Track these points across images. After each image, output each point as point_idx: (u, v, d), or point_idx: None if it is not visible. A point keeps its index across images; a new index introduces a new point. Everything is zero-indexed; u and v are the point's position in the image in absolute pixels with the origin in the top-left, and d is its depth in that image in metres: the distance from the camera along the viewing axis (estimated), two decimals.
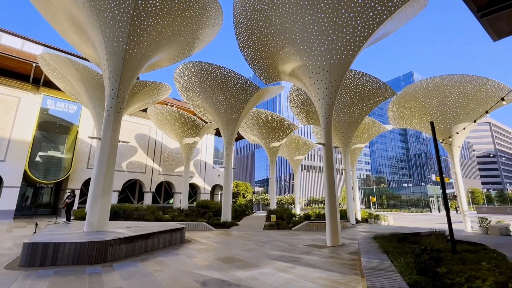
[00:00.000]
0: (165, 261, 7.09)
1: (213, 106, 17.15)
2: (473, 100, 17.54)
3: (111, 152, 9.55)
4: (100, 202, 9.12)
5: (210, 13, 11.27)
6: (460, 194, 18.71)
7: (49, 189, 25.99)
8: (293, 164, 33.24)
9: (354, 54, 10.03)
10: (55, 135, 22.15)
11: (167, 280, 5.35)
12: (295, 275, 5.67)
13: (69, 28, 11.44)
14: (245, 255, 7.82)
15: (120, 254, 7.25)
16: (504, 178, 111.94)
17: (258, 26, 11.59)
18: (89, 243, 6.73)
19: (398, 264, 4.72)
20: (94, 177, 9.22)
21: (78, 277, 5.50)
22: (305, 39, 10.43)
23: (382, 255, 5.60)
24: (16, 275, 5.62)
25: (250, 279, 5.36)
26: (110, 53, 9.47)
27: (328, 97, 10.41)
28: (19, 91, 21.00)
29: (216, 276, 5.55)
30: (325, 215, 9.87)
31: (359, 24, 9.54)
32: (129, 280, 5.34)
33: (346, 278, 5.44)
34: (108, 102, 9.70)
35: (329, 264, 6.68)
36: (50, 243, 6.56)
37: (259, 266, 6.49)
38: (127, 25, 9.23)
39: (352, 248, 9.10)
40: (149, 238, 8.44)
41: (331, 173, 10.17)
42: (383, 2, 8.93)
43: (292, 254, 7.99)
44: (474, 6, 3.35)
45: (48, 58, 15.18)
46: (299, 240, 10.76)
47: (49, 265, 6.38)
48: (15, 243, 9.65)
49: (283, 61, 12.12)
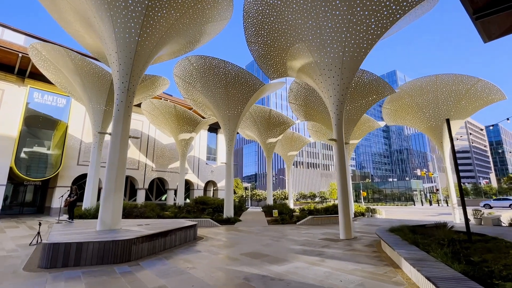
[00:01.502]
0: (189, 258, 7.00)
1: (214, 102, 16.90)
2: (463, 99, 18.43)
3: (122, 148, 9.22)
4: (112, 200, 8.81)
5: (221, 6, 11.03)
6: (450, 188, 19.73)
7: (33, 187, 24.67)
8: (287, 160, 33.58)
9: (366, 52, 10.23)
10: (43, 130, 20.98)
11: (207, 277, 5.30)
12: (330, 268, 5.79)
13: (71, 17, 10.80)
14: (268, 250, 7.87)
15: (142, 252, 7.08)
16: (477, 173, 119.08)
17: (269, 21, 11.51)
18: (113, 242, 6.51)
19: (435, 255, 4.95)
20: (106, 175, 8.87)
21: (111, 277, 5.32)
22: (318, 36, 10.49)
23: (412, 247, 5.84)
24: (42, 277, 5.36)
25: (289, 273, 5.42)
26: (121, 45, 9.06)
27: (340, 94, 10.57)
28: (2, 83, 19.65)
29: (254, 272, 5.56)
30: (338, 210, 10.11)
31: (373, 23, 9.72)
32: (167, 278, 5.23)
33: (381, 270, 5.64)
34: (118, 96, 9.31)
35: (355, 257, 6.88)
36: (72, 243, 6.28)
37: (289, 260, 6.57)
38: (141, 16, 8.84)
39: (366, 241, 9.40)
40: (167, 236, 8.28)
41: (343, 169, 10.39)
42: (398, 1, 9.14)
43: (312, 248, 8.13)
44: (471, 9, 3.55)
45: (40, 48, 14.28)
46: (310, 235, 10.95)
47: (72, 266, 6.12)
48: (17, 244, 9.16)
49: (293, 57, 12.13)
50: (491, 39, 6.20)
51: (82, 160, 22.70)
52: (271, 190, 26.00)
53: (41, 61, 15.34)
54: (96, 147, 16.31)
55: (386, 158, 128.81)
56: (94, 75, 14.76)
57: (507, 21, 5.86)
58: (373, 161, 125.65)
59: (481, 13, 4.86)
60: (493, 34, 5.73)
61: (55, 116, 21.48)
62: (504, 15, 4.67)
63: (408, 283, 4.70)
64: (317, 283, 4.82)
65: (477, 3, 3.85)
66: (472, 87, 17.74)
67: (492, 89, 17.56)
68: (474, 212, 13.29)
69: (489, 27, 5.72)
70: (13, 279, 5.26)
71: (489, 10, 4.62)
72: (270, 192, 25.68)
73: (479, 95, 18.00)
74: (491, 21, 4.77)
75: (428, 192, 57.11)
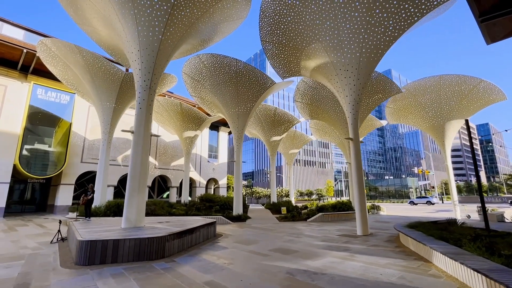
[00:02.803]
0: (220, 254, 7.15)
1: (223, 100, 16.97)
2: (465, 99, 18.94)
3: (144, 147, 9.27)
4: (136, 198, 8.88)
5: (239, 5, 11.11)
6: (451, 185, 20.33)
7: (33, 185, 24.34)
8: (288, 158, 33.87)
9: (382, 53, 10.47)
10: (47, 127, 20.70)
11: (249, 272, 5.47)
12: (364, 263, 6.04)
13: (88, 14, 10.72)
14: (293, 246, 8.09)
15: (173, 249, 7.20)
16: (468, 171, 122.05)
17: (286, 21, 11.64)
18: (149, 239, 6.62)
19: (468, 249, 5.24)
20: (130, 173, 8.92)
21: (155, 273, 5.44)
22: (335, 37, 10.68)
23: (441, 242, 6.13)
24: (85, 273, 5.44)
25: (327, 268, 5.64)
26: (144, 43, 9.08)
27: (356, 93, 10.81)
28: (5, 79, 19.29)
29: (293, 267, 5.76)
30: (355, 207, 10.40)
31: (391, 25, 9.95)
32: (211, 273, 5.38)
33: (412, 264, 5.91)
34: (140, 94, 9.34)
35: (381, 252, 7.16)
36: (109, 240, 6.36)
37: (320, 256, 6.79)
38: (166, 14, 8.85)
39: (383, 237, 9.72)
40: (193, 233, 8.41)
41: (359, 167, 10.66)
42: (417, 4, 9.39)
43: (336, 244, 8.39)
44: (477, 11, 3.76)
45: (50, 45, 14.09)
46: (326, 231, 11.22)
47: (110, 263, 6.21)
48: (37, 242, 9.15)
49: (308, 57, 12.30)
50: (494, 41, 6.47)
51: (85, 157, 22.51)
52: (275, 188, 26.25)
53: (50, 58, 15.13)
54: (105, 145, 16.23)
55: (381, 156, 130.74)
56: (105, 72, 14.65)
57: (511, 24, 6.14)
58: (368, 159, 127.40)
59: (487, 16, 5.08)
60: (497, 36, 5.99)
61: (59, 113, 21.20)
62: (508, 19, 4.90)
63: (445, 275, 4.98)
64: (359, 276, 5.05)
65: (484, 6, 4.06)
66: (474, 88, 18.25)
67: (494, 90, 18.10)
68: (479, 209, 13.76)
69: (493, 30, 5.97)
70: (58, 276, 5.33)
71: (495, 13, 4.82)
72: (274, 190, 25.94)
73: (481, 96, 18.53)
74: (495, 23, 5.00)
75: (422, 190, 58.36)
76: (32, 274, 5.45)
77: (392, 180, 57.34)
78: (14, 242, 9.25)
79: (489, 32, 5.38)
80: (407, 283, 4.63)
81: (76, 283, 4.89)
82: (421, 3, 9.24)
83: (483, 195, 7.71)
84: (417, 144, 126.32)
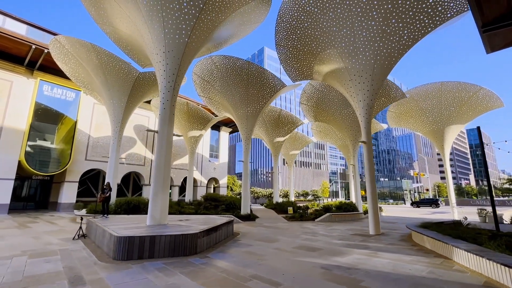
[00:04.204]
0: (250, 250, 7.46)
1: (233, 101, 17.25)
2: (465, 105, 19.71)
3: (168, 146, 9.50)
4: (161, 197, 9.11)
5: (259, 10, 11.43)
6: (449, 188, 21.08)
7: (35, 182, 24.10)
8: (288, 159, 34.31)
9: (396, 61, 10.96)
10: (52, 124, 20.58)
11: (286, 267, 5.80)
12: (390, 259, 6.45)
13: (110, 14, 10.87)
14: (314, 244, 8.45)
15: (203, 245, 7.47)
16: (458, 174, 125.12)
17: (303, 26, 12.02)
18: (183, 236, 6.88)
19: (489, 247, 5.70)
20: (154, 173, 9.14)
21: (197, 267, 5.71)
22: (351, 43, 11.11)
23: (460, 241, 6.59)
24: (128, 267, 5.67)
25: (357, 264, 6.02)
26: (170, 45, 9.31)
27: (369, 99, 11.27)
28: (11, 74, 19.11)
29: (324, 262, 6.12)
30: (368, 208, 10.85)
31: (405, 34, 10.44)
32: (251, 268, 5.69)
33: (435, 260, 6.35)
34: (163, 95, 9.56)
35: (401, 250, 7.59)
36: (146, 236, 6.60)
37: (344, 253, 7.18)
38: (193, 18, 9.11)
39: (395, 236, 10.19)
40: (218, 231, 8.69)
41: (372, 169, 11.12)
42: (431, 16, 9.89)
43: (353, 242, 8.80)
44: (480, 22, 4.19)
45: (64, 42, 14.11)
46: (338, 231, 11.65)
47: (147, 258, 6.45)
48: (60, 239, 9.28)
49: (322, 62, 12.71)
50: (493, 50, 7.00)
51: (90, 155, 22.43)
52: (277, 188, 26.65)
53: (62, 55, 15.12)
54: (115, 143, 16.30)
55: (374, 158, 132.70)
56: (119, 71, 14.75)
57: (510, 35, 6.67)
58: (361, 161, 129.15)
59: (489, 27, 5.59)
60: (496, 46, 6.53)
61: (65, 109, 21.10)
62: (509, 30, 5.39)
63: (469, 271, 5.42)
64: (391, 271, 5.45)
65: (487, 18, 4.50)
66: (474, 95, 19.01)
67: (492, 97, 18.90)
68: (479, 211, 14.43)
69: (493, 40, 6.51)
70: (103, 269, 5.55)
71: (496, 24, 5.31)
72: (276, 190, 26.34)
73: (480, 102, 19.32)
74: (496, 34, 5.49)
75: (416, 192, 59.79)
76: (77, 268, 5.66)
77: (386, 182, 58.56)
78: (36, 238, 9.35)
79: (490, 42, 5.85)
80: (438, 277, 5.04)
81: (126, 276, 5.12)
82: (436, 14, 9.75)
83: (493, 198, 8.25)
84: (410, 147, 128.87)
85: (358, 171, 21.02)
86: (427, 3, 9.58)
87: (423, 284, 4.65)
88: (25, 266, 5.77)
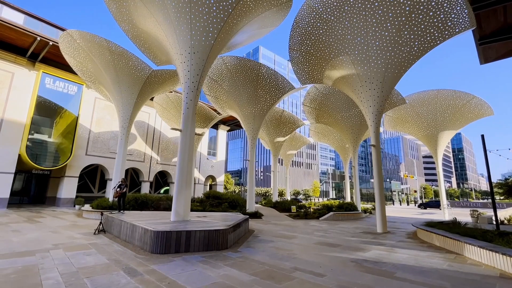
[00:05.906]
0: (276, 246, 7.89)
1: (241, 101, 17.59)
2: (458, 112, 20.88)
3: (190, 145, 9.77)
4: (184, 194, 9.39)
5: (278, 15, 11.82)
6: (441, 190, 22.29)
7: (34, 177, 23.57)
8: (285, 158, 34.98)
9: (405, 69, 11.65)
10: (54, 118, 20.22)
11: (318, 261, 6.27)
12: (408, 254, 7.05)
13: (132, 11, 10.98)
14: (331, 241, 8.99)
15: (231, 240, 7.85)
16: None
17: (317, 33, 12.51)
18: (216, 231, 7.24)
19: (499, 243, 6.39)
20: (178, 170, 9.40)
21: (237, 260, 6.09)
22: (364, 52, 11.71)
23: (469, 238, 7.28)
24: (171, 261, 5.96)
25: (381, 258, 6.58)
26: (196, 47, 9.57)
27: (379, 104, 11.92)
28: (12, 65, 18.67)
29: (351, 256, 6.65)
30: (375, 207, 11.52)
31: (416, 45, 11.13)
32: (287, 261, 6.12)
33: (448, 256, 7.00)
34: (187, 94, 9.82)
35: (413, 246, 8.24)
36: (182, 231, 6.92)
37: (364, 249, 7.74)
38: (221, 22, 9.40)
39: (401, 234, 10.90)
40: (240, 227, 9.08)
41: (380, 171, 11.78)
42: (441, 30, 10.60)
43: (366, 239, 9.40)
44: (477, 35, 4.90)
45: (76, 36, 14.00)
46: (346, 228, 12.28)
47: (183, 252, 6.77)
48: (81, 233, 9.41)
49: (334, 67, 13.27)
50: (487, 62, 7.77)
51: (90, 150, 22.19)
52: (276, 187, 27.18)
53: (71, 49, 14.98)
54: (123, 139, 16.30)
55: (363, 159, 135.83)
56: (131, 67, 14.78)
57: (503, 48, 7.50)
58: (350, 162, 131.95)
59: (485, 40, 6.36)
60: (490, 58, 7.31)
61: (67, 103, 20.77)
62: (502, 44, 6.16)
63: (483, 264, 6.08)
64: (415, 264, 6.04)
65: (484, 31, 5.18)
66: (467, 103, 20.18)
67: (484, 106, 20.13)
68: (472, 212, 15.47)
69: (488, 52, 7.32)
70: (149, 262, 5.83)
71: (493, 38, 6.08)
72: (275, 189, 26.87)
73: (472, 110, 20.52)
74: (491, 47, 6.23)
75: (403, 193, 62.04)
76: (123, 261, 5.91)
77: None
78: (55, 233, 9.43)
79: (484, 54, 6.55)
80: (458, 269, 5.66)
81: (176, 267, 5.44)
82: (445, 29, 10.46)
83: (495, 200, 9.05)
84: (397, 150, 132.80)
85: (355, 172, 21.83)
86: (438, 18, 10.27)
87: (448, 276, 5.24)
88: (69, 259, 5.97)
